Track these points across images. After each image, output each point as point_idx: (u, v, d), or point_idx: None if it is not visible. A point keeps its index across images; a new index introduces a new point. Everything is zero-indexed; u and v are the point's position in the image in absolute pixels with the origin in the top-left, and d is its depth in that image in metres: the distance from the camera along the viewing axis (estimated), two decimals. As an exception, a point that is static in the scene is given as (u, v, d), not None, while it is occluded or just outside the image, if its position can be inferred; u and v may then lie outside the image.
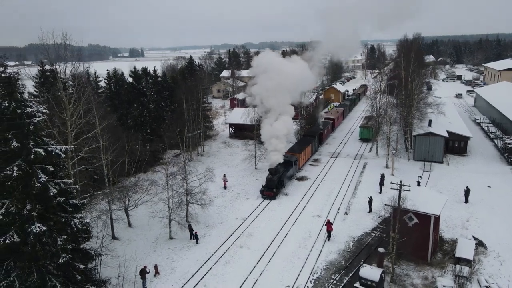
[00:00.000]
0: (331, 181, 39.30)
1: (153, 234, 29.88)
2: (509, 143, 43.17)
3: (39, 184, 17.18)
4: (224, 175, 39.38)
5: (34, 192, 17.27)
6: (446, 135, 43.34)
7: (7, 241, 16.71)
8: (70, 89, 22.35)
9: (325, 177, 40.42)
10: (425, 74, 59.54)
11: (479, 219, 29.62)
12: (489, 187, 35.88)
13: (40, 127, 18.18)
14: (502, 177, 38.38)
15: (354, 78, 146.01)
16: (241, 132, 59.19)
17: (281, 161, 38.11)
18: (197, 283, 23.22)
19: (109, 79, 46.92)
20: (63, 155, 18.74)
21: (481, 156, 45.07)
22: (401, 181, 22.83)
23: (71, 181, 19.38)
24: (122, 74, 50.36)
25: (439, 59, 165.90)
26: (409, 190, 22.81)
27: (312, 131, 51.27)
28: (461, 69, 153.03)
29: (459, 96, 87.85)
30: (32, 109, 17.61)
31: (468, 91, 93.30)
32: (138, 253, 26.63)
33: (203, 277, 23.83)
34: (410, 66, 45.39)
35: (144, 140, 44.69)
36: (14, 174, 16.59)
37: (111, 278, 22.09)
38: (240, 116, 59.35)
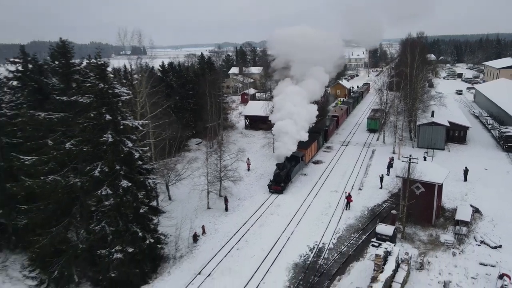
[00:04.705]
0: (344, 164, 43.77)
1: (192, 205, 34.30)
2: (505, 132, 47.62)
3: (127, 149, 21.72)
4: (248, 159, 43.86)
5: (122, 155, 21.81)
6: (448, 124, 47.74)
7: (103, 193, 21.24)
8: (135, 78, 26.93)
9: (339, 161, 44.92)
10: (428, 70, 63.92)
11: (476, 193, 34.05)
12: (486, 169, 40.28)
13: (124, 105, 22.70)
14: (498, 162, 42.78)
15: (357, 76, 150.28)
16: (256, 123, 63.73)
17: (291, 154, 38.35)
18: (239, 240, 27.76)
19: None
20: (140, 128, 23.26)
21: (479, 144, 49.47)
22: (410, 155, 27.30)
23: (147, 148, 23.85)
24: (153, 68, 54.67)
25: (440, 58, 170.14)
26: (417, 163, 27.26)
27: (318, 128, 54.17)
28: (461, 68, 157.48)
29: (459, 92, 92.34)
30: (119, 90, 22.11)
31: (468, 88, 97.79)
32: (183, 219, 31.04)
33: (244, 235, 28.36)
34: (415, 62, 49.76)
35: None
36: (110, 140, 21.09)
37: (168, 233, 26.63)
38: (254, 108, 64.13)
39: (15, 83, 25.86)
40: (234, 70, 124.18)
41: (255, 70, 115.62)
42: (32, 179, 21.49)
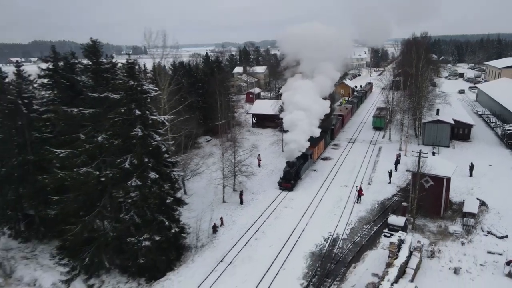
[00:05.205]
0: (352, 160, 45.05)
1: (207, 199, 35.52)
2: (508, 129, 48.88)
3: (155, 143, 22.98)
4: (259, 155, 45.13)
5: (150, 149, 23.06)
6: (452, 122, 49.01)
7: (133, 184, 22.49)
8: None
9: (347, 158, 46.23)
10: (433, 70, 65.24)
11: (481, 188, 35.30)
12: (490, 165, 41.51)
13: (151, 101, 23.94)
14: (502, 158, 44.00)
15: (359, 75, 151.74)
16: (263, 122, 65.04)
17: (299, 153, 38.65)
18: (256, 231, 29.05)
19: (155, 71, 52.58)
20: (166, 123, 24.52)
21: (483, 142, 50.70)
22: (420, 150, 28.56)
23: (172, 142, 25.11)
24: (164, 67, 56.02)
25: (441, 58, 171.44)
26: (427, 157, 28.53)
27: (325, 126, 55.08)
28: (462, 68, 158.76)
29: (461, 92, 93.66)
30: (147, 87, 23.36)
31: (470, 87, 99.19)
32: (203, 210, 32.27)
33: (260, 226, 29.65)
34: (420, 61, 51.02)
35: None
36: (139, 134, 22.33)
37: (188, 224, 27.87)
38: (262, 107, 65.65)
39: (45, 80, 27.09)
40: (238, 69, 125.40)
41: (260, 69, 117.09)
42: (66, 171, 22.71)
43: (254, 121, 66.95)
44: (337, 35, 42.14)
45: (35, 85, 27.45)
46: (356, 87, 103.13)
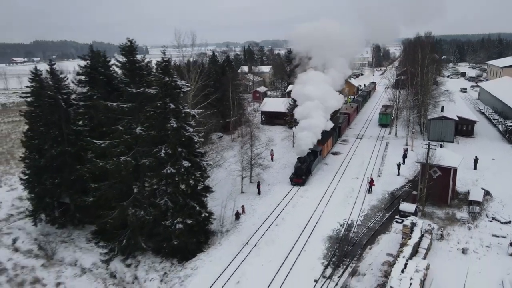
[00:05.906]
0: (361, 155, 47.11)
1: (226, 190, 37.37)
2: (510, 126, 50.90)
3: (188, 134, 25.05)
4: (272, 150, 47.17)
5: (183, 139, 25.13)
6: (457, 119, 51.04)
7: (168, 171, 24.56)
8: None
9: (356, 152, 48.28)
10: (437, 69, 67.35)
11: (485, 180, 37.30)
12: (493, 159, 43.55)
13: (183, 96, 26.00)
14: (505, 153, 46.02)
15: (362, 74, 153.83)
16: (272, 119, 67.15)
17: (310, 148, 39.98)
18: (276, 217, 31.13)
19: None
20: (197, 116, 26.59)
21: (486, 138, 52.75)
22: (429, 142, 30.61)
23: (202, 134, 27.13)
24: (179, 65, 58.12)
25: (442, 57, 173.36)
26: (435, 149, 30.59)
27: (332, 124, 57.39)
28: (464, 67, 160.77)
29: (464, 90, 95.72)
30: (180, 83, 25.43)
31: (472, 86, 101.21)
32: (222, 200, 34.30)
33: (279, 214, 31.71)
34: (425, 60, 53.09)
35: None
36: (174, 126, 24.40)
37: (213, 211, 29.91)
38: (270, 105, 67.89)
39: (82, 77, 29.13)
40: (243, 68, 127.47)
41: (265, 69, 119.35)
42: (105, 161, 24.75)
43: (263, 119, 69.02)
44: (348, 32, 43.99)
45: (68, 81, 29.50)
46: (360, 86, 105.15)
